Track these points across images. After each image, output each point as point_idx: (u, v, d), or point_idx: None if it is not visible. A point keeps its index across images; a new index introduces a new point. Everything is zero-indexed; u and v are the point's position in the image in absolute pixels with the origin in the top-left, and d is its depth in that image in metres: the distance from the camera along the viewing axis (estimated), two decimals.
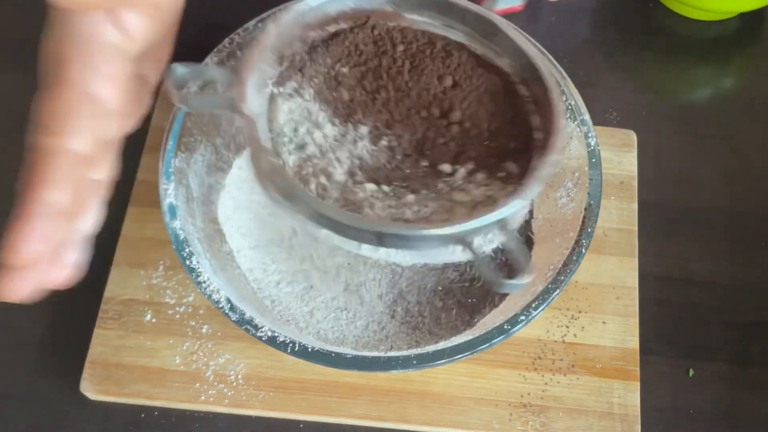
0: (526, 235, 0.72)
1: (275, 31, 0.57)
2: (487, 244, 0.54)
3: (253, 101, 0.55)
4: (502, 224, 0.52)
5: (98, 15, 0.45)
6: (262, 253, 0.71)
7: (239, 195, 0.71)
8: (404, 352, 0.61)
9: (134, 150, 0.78)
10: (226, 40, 0.67)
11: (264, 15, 0.68)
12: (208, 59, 0.66)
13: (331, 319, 0.70)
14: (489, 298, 0.69)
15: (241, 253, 0.70)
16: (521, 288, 0.51)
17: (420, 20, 0.62)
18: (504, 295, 0.68)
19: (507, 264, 0.56)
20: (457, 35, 0.62)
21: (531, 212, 0.72)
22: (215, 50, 0.67)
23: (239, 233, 0.71)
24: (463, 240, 0.51)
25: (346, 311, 0.70)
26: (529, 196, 0.53)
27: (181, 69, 0.55)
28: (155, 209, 0.68)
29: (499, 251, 0.54)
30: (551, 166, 0.54)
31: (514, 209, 0.52)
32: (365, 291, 0.70)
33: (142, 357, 0.70)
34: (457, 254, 0.54)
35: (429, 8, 0.62)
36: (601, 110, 0.84)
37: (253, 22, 0.68)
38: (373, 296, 0.70)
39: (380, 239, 0.52)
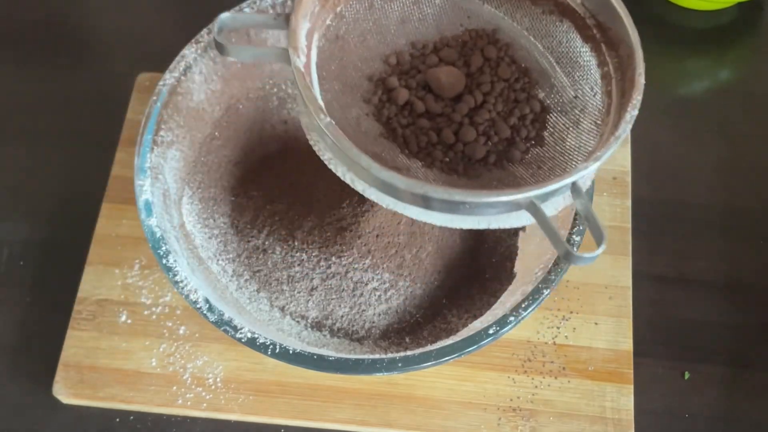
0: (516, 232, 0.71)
1: None
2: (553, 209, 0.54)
3: (304, 55, 0.53)
4: (574, 188, 0.51)
5: None
6: (234, 264, 0.70)
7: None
8: (389, 355, 0.60)
9: (108, 144, 0.77)
10: (204, 30, 0.66)
11: (243, 5, 0.66)
12: (186, 50, 0.65)
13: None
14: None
15: (212, 261, 0.69)
16: (590, 261, 0.49)
17: None
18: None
19: None
20: None
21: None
22: (193, 40, 0.65)
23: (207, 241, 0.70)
24: (532, 205, 0.50)
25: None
26: (604, 157, 0.52)
27: (226, 16, 0.54)
28: (130, 206, 0.68)
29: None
30: (629, 123, 0.54)
31: (586, 171, 0.51)
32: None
33: (117, 359, 0.69)
34: (524, 219, 0.53)
35: None
36: None
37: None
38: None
39: (447, 205, 0.51)
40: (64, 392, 0.67)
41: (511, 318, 0.60)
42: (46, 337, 0.70)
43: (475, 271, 0.71)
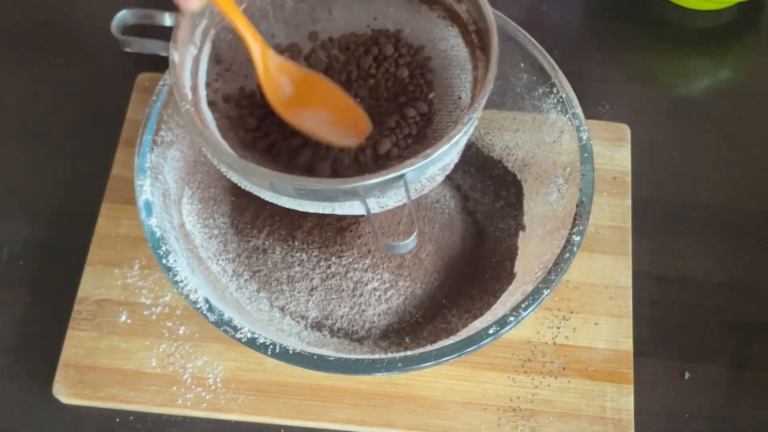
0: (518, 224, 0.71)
1: None
2: (385, 203, 0.57)
3: (195, 47, 0.59)
4: (405, 186, 0.54)
5: None
6: (234, 264, 0.70)
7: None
8: (389, 355, 0.60)
9: (108, 144, 0.77)
10: None
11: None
12: None
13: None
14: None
15: (212, 261, 0.69)
16: (404, 249, 0.54)
17: None
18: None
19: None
20: None
21: (522, 205, 0.72)
22: None
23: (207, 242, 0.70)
24: (357, 194, 0.54)
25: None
26: (433, 155, 0.54)
27: (125, 13, 0.60)
28: (130, 206, 0.68)
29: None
30: (466, 125, 0.55)
31: (407, 170, 0.53)
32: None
33: (117, 359, 0.68)
34: (356, 208, 0.58)
35: None
36: (593, 103, 0.83)
37: None
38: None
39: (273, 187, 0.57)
40: (64, 392, 0.67)
41: (511, 318, 0.60)
42: (46, 337, 0.70)
43: (475, 271, 0.71)
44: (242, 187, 0.60)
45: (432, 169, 0.57)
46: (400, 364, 0.59)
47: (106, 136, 0.77)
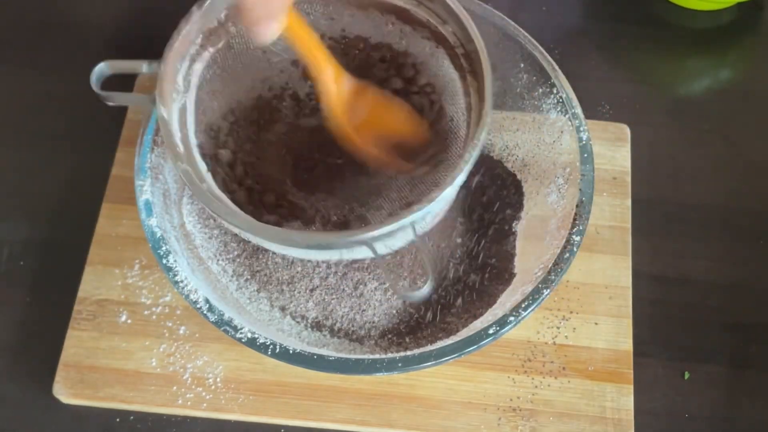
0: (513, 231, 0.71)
1: (194, 17, 0.59)
2: (396, 242, 0.57)
3: (173, 100, 0.58)
4: (412, 228, 0.55)
5: None
6: (234, 264, 0.70)
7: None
8: (389, 355, 0.60)
9: (108, 144, 0.77)
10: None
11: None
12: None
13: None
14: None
15: (212, 261, 0.69)
16: (418, 298, 0.55)
17: None
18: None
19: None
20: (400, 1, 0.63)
21: (522, 205, 0.72)
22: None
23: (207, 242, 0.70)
24: (367, 243, 0.54)
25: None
26: (439, 197, 0.54)
27: (103, 66, 0.59)
28: (131, 206, 0.67)
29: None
30: (467, 162, 0.55)
31: (419, 215, 0.54)
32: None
33: (117, 359, 0.68)
34: (364, 252, 0.57)
35: None
36: (593, 103, 0.83)
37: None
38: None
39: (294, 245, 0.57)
40: (64, 392, 0.67)
41: (511, 318, 0.60)
42: (46, 337, 0.70)
43: (474, 271, 0.71)
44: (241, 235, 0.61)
45: (436, 207, 0.56)
46: (400, 364, 0.59)
47: (106, 136, 0.77)
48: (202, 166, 0.59)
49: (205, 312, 0.60)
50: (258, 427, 0.68)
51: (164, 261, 0.61)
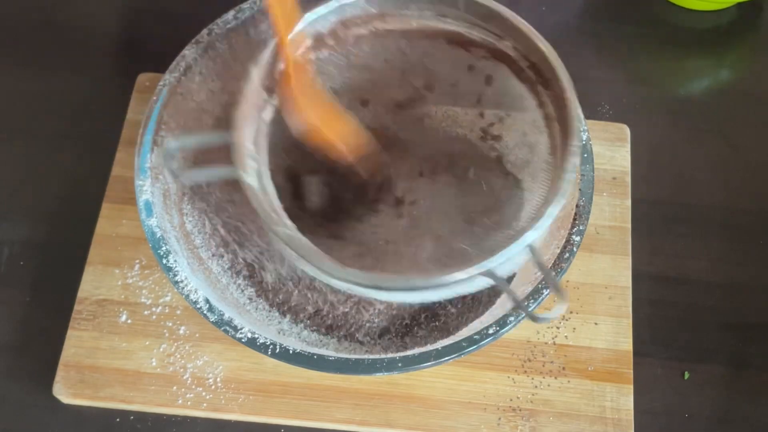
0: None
1: (258, 75, 0.56)
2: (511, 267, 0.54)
3: (254, 168, 0.54)
4: (531, 248, 0.53)
5: None
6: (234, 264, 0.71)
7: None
8: (389, 355, 0.60)
9: (108, 144, 0.77)
10: (205, 30, 0.66)
11: (243, 5, 0.66)
12: (186, 50, 0.65)
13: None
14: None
15: (212, 261, 0.69)
16: (547, 320, 0.51)
17: (410, 14, 0.61)
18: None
19: None
20: (451, 24, 0.61)
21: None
22: (193, 41, 0.66)
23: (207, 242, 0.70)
24: (491, 274, 0.52)
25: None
26: (556, 209, 0.53)
27: (172, 143, 0.56)
28: (131, 206, 0.68)
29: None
30: (571, 172, 0.54)
31: (541, 230, 0.52)
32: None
33: (117, 359, 0.68)
34: (481, 283, 0.54)
35: (418, 1, 0.60)
36: (593, 104, 0.83)
37: (231, 13, 0.66)
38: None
39: (413, 289, 0.53)
40: (64, 392, 0.67)
41: (511, 318, 0.60)
42: (46, 337, 0.70)
43: None
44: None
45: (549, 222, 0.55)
46: (400, 364, 0.59)
47: (106, 136, 0.77)
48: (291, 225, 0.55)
49: (205, 312, 0.60)
50: (258, 427, 0.68)
51: (164, 261, 0.61)
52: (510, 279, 0.68)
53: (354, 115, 0.61)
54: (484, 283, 0.53)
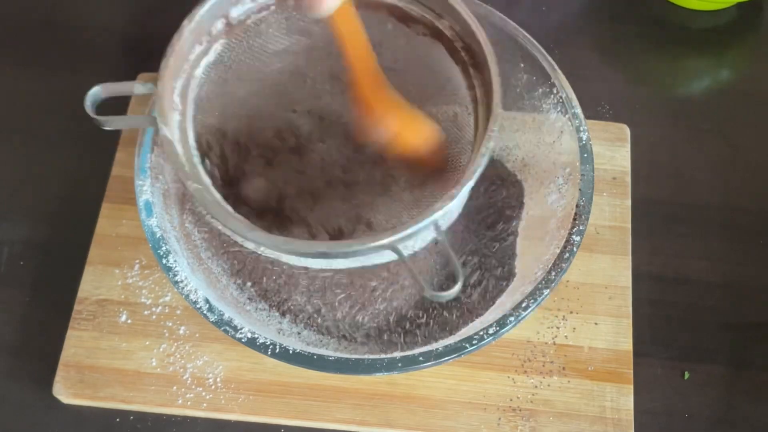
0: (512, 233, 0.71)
1: (185, 33, 0.58)
2: (417, 243, 0.57)
3: (175, 118, 0.57)
4: (434, 226, 0.54)
5: None
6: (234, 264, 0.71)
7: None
8: (389, 355, 0.60)
9: (108, 144, 0.77)
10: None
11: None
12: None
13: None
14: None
15: (212, 261, 0.69)
16: (449, 298, 0.52)
17: None
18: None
19: None
20: None
21: (522, 205, 0.72)
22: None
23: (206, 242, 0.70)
24: (393, 247, 0.53)
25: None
26: (460, 194, 0.54)
27: (97, 90, 0.58)
28: (131, 206, 0.67)
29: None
30: (484, 156, 0.55)
31: (443, 212, 0.53)
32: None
33: (117, 359, 0.68)
34: (387, 256, 0.56)
35: None
36: (593, 103, 0.83)
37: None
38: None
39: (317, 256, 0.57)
40: (64, 392, 0.67)
41: (511, 318, 0.60)
42: (46, 337, 0.70)
43: (475, 271, 0.71)
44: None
45: (457, 203, 0.56)
46: (400, 364, 0.59)
47: (106, 136, 0.76)
48: (208, 181, 0.57)
49: (205, 312, 0.60)
50: (258, 427, 0.67)
51: (164, 261, 0.61)
52: (510, 278, 0.68)
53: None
54: (390, 256, 0.55)
